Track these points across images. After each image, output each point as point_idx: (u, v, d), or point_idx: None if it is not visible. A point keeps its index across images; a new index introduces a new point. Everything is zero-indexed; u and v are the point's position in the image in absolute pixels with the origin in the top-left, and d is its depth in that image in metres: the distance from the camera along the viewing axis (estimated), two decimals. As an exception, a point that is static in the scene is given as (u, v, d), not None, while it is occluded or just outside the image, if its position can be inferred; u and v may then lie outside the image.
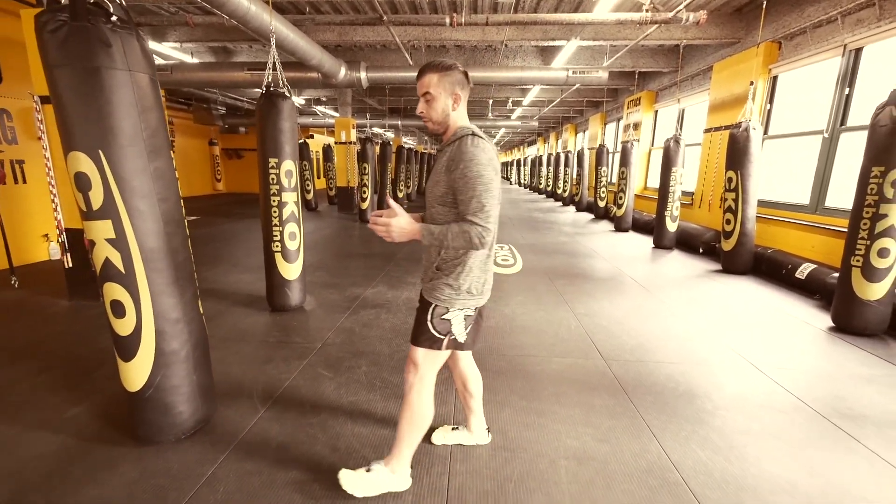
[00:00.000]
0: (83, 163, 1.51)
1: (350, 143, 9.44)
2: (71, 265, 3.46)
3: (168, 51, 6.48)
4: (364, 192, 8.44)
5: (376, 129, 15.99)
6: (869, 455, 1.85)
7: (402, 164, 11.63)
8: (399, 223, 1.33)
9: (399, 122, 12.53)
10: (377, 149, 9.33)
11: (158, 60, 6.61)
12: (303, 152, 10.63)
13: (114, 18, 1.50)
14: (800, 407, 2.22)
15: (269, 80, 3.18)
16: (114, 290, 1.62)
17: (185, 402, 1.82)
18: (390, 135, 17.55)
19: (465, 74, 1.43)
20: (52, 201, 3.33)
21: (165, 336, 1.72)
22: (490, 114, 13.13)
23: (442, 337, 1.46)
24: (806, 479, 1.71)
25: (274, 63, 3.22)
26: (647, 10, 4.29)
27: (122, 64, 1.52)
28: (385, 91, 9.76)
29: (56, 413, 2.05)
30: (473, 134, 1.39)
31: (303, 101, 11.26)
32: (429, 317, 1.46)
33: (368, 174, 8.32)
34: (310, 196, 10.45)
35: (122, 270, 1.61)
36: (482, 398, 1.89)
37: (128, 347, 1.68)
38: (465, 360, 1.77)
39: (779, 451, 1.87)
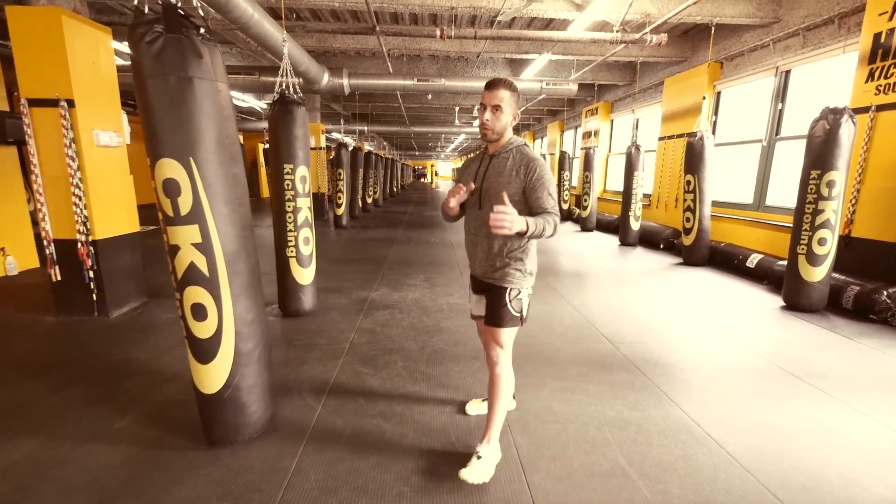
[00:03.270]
0: (173, 169, 1.55)
1: (320, 148, 9.33)
2: (59, 278, 3.24)
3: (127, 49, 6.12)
4: (339, 199, 8.39)
5: (335, 135, 15.81)
6: (836, 401, 2.29)
7: (371, 169, 11.64)
8: (516, 216, 1.41)
9: (366, 128, 12.52)
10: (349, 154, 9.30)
11: (118, 61, 6.21)
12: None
13: (202, 31, 1.57)
14: (775, 370, 2.66)
15: (283, 87, 3.21)
16: (197, 294, 1.66)
17: (257, 401, 1.87)
18: (349, 140, 17.40)
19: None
20: (40, 210, 3.12)
21: (243, 337, 1.77)
22: (457, 120, 13.50)
23: (519, 314, 1.70)
24: (796, 422, 2.10)
25: (286, 70, 3.25)
26: (617, 31, 4.79)
27: (211, 74, 1.58)
28: (355, 97, 9.76)
29: (104, 425, 2.00)
30: (525, 143, 1.69)
31: (265, 106, 10.93)
32: (507, 300, 1.67)
33: (344, 180, 8.29)
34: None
35: (207, 274, 1.65)
36: None
37: (207, 350, 1.71)
38: None
39: (769, 402, 2.27)
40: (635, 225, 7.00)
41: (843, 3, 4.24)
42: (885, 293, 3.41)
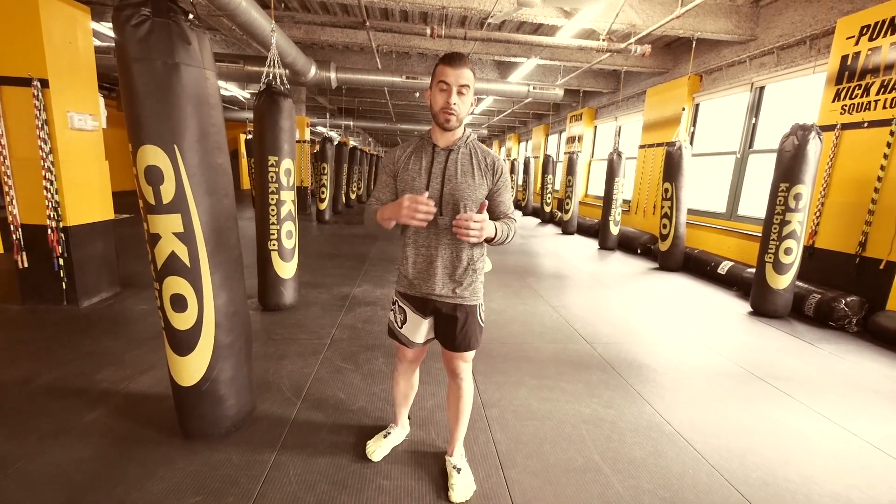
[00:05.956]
0: (156, 156, 1.52)
1: (305, 141, 9.19)
2: (26, 265, 3.10)
3: (107, 30, 5.90)
4: (323, 193, 8.30)
5: (320, 129, 15.62)
6: (796, 403, 2.42)
7: (355, 164, 11.53)
8: (487, 221, 1.31)
9: (351, 123, 12.39)
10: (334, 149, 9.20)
11: (97, 42, 5.97)
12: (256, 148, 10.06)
13: (190, 16, 1.54)
14: (741, 373, 2.79)
15: (270, 77, 3.16)
16: (177, 284, 1.63)
17: (235, 394, 1.85)
18: (334, 134, 17.20)
19: None
20: (7, 194, 2.98)
21: (223, 329, 1.75)
22: (443, 120, 13.48)
23: (483, 324, 1.57)
24: (759, 422, 2.21)
25: (273, 61, 3.20)
26: (603, 40, 4.90)
27: (198, 61, 1.56)
28: (342, 91, 9.66)
29: (73, 418, 1.94)
30: (474, 134, 1.51)
31: (248, 95, 10.70)
32: (479, 317, 1.53)
33: (328, 175, 8.20)
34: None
35: (188, 264, 1.63)
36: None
37: (186, 341, 1.69)
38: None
39: (735, 403, 2.38)
40: (615, 230, 7.17)
41: (815, 25, 4.46)
42: (844, 302, 3.61)
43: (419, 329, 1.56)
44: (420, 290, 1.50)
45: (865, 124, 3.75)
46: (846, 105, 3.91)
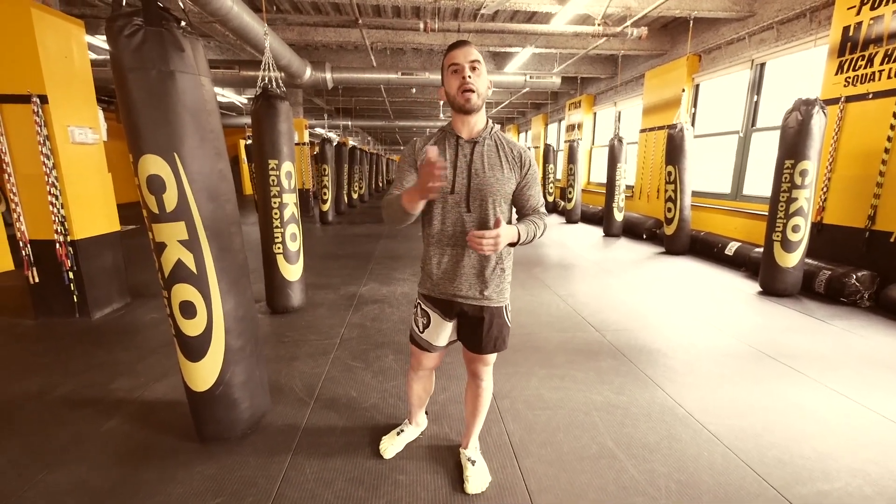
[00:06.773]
0: (157, 165, 1.53)
1: (304, 144, 9.20)
2: (37, 280, 3.14)
3: (102, 43, 5.92)
4: (325, 195, 8.31)
5: (319, 130, 15.63)
6: (810, 381, 2.41)
7: (356, 164, 11.54)
8: (506, 231, 1.21)
9: (349, 123, 12.38)
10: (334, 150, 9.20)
11: (92, 56, 6.00)
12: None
13: (182, 23, 1.54)
14: (753, 353, 2.77)
15: (266, 81, 3.16)
16: (185, 292, 1.64)
17: (249, 397, 1.87)
18: (333, 135, 17.19)
19: None
20: (14, 211, 3.01)
21: (233, 333, 1.76)
22: (442, 114, 13.47)
23: (510, 325, 1.53)
24: (773, 401, 2.20)
25: (268, 64, 3.20)
26: (598, 25, 4.84)
27: (193, 68, 1.56)
28: (338, 91, 9.64)
29: (91, 427, 1.97)
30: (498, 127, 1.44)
31: (245, 101, 10.71)
32: (506, 318, 1.49)
33: (329, 176, 8.21)
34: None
35: (195, 271, 1.64)
36: None
37: (197, 347, 1.70)
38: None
39: (748, 383, 2.37)
40: (619, 216, 7.13)
41: (815, -3, 4.37)
42: (854, 277, 3.57)
43: (442, 332, 1.51)
44: (445, 292, 1.42)
45: (870, 95, 3.68)
46: (850, 77, 3.84)
